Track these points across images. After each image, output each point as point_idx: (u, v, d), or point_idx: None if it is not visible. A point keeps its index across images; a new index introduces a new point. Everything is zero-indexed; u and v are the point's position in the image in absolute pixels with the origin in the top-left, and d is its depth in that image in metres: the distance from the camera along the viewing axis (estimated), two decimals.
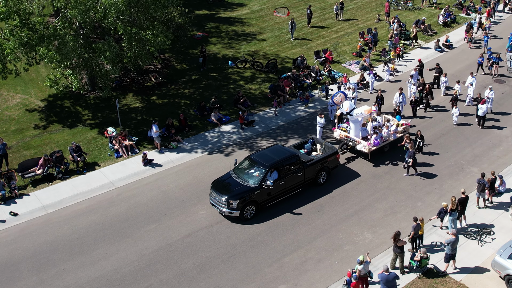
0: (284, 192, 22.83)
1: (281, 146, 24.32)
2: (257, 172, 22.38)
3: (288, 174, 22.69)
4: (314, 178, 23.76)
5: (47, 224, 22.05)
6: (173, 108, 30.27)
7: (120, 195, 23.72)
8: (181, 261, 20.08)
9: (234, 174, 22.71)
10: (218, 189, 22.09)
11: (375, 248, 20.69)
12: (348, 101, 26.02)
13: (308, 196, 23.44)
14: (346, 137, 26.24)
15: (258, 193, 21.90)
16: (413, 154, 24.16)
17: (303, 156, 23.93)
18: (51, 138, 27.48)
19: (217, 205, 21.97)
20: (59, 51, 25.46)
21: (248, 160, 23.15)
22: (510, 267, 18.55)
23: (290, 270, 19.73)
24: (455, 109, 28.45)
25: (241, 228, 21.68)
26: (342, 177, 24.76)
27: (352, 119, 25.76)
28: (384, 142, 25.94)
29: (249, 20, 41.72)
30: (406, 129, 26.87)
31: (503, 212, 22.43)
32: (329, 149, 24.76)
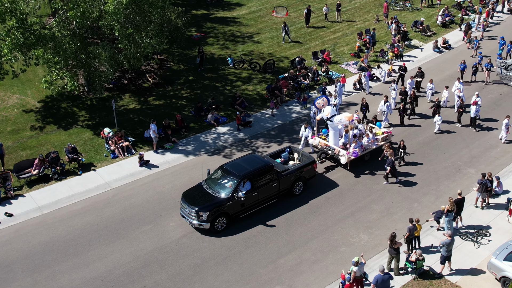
0: (258, 203, 22.06)
1: (256, 156, 23.57)
2: (230, 182, 21.63)
3: (261, 184, 21.93)
4: (290, 188, 23.00)
5: (42, 225, 21.99)
6: (170, 109, 30.21)
7: (116, 196, 23.66)
8: (175, 262, 20.02)
9: (206, 184, 22.01)
10: (189, 200, 21.34)
11: (371, 250, 20.61)
12: (330, 107, 25.29)
13: (304, 198, 23.35)
14: (325, 145, 25.48)
15: (230, 204, 21.18)
16: (391, 162, 23.60)
17: (278, 166, 23.15)
18: (48, 138, 27.43)
19: (187, 217, 21.25)
20: (56, 52, 25.41)
21: (221, 170, 22.36)
22: (506, 269, 18.45)
23: (285, 271, 19.65)
24: (438, 117, 27.61)
25: (236, 229, 21.59)
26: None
27: (332, 126, 25.00)
28: (364, 151, 25.25)
29: (247, 21, 41.66)
30: (388, 138, 26.14)
31: (500, 213, 22.33)
32: (306, 158, 23.95)
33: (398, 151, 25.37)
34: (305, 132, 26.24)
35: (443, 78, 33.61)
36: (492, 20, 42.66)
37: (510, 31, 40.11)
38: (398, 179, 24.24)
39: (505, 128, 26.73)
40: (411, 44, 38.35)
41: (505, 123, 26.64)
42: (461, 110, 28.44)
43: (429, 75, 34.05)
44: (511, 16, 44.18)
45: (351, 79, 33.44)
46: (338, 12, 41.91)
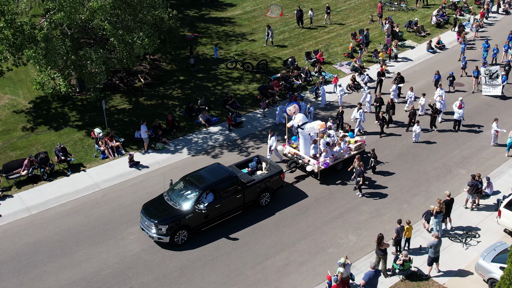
0: (221, 216, 21.34)
1: (220, 166, 22.49)
2: (192, 194, 20.85)
3: (225, 196, 21.21)
4: (256, 199, 22.28)
5: (30, 226, 21.90)
6: (161, 109, 30.13)
7: (105, 197, 23.57)
8: (162, 263, 19.93)
9: (167, 196, 21.30)
10: (148, 213, 20.62)
11: (359, 251, 20.52)
12: (301, 114, 24.35)
13: (293, 198, 23.26)
14: (295, 154, 24.77)
15: (191, 217, 20.43)
16: (361, 173, 22.81)
17: (243, 177, 22.30)
18: (38, 139, 27.35)
19: (146, 230, 20.54)
20: (46, 53, 25.32)
21: (183, 181, 21.57)
22: (494, 270, 18.35)
23: (272, 273, 19.57)
24: (417, 126, 26.81)
25: (225, 230, 21.50)
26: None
27: (302, 133, 24.15)
28: (336, 160, 24.51)
29: (241, 21, 41.59)
30: (361, 146, 25.52)
31: (489, 215, 22.24)
32: (274, 168, 23.13)
33: (369, 160, 24.73)
34: (270, 141, 25.26)
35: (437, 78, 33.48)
36: (487, 20, 42.57)
37: (504, 31, 39.94)
38: (362, 194, 23.34)
39: (493, 131, 26.51)
40: (405, 44, 38.28)
41: (494, 126, 26.41)
42: (435, 115, 27.87)
43: (423, 75, 34.11)
44: (506, 16, 44.10)
45: (344, 80, 33.36)
46: (328, 15, 41.21)
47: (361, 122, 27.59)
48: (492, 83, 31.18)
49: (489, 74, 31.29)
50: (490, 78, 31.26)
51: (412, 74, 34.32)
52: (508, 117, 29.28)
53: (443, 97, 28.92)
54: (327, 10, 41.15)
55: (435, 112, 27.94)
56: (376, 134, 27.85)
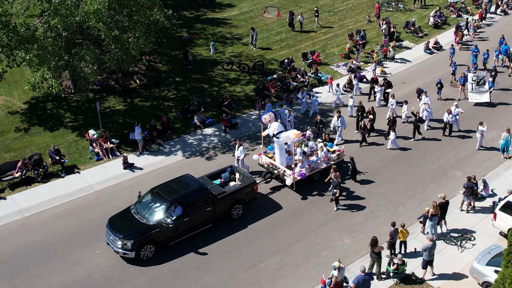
0: (190, 229, 20.64)
1: (190, 178, 21.65)
2: (159, 207, 20.14)
3: (194, 209, 20.48)
4: (227, 212, 21.59)
5: (22, 228, 21.77)
6: (156, 110, 30.00)
7: (99, 199, 23.44)
8: (155, 266, 19.78)
9: (134, 209, 20.60)
10: (114, 227, 19.97)
11: (353, 254, 20.38)
12: (277, 123, 23.55)
13: (288, 201, 23.13)
14: (271, 164, 24.02)
15: (158, 231, 19.72)
16: (338, 184, 22.10)
17: (214, 188, 21.55)
18: (32, 140, 27.22)
19: (111, 245, 19.85)
20: (38, 54, 25.17)
21: (151, 193, 20.83)
22: (488, 274, 18.23)
23: (266, 276, 19.43)
24: (392, 133, 26.22)
25: (219, 232, 21.38)
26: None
27: (278, 143, 23.34)
28: (312, 171, 23.74)
29: (238, 22, 41.45)
30: (339, 156, 24.86)
31: (485, 217, 22.11)
32: (247, 179, 22.36)
33: (348, 169, 24.23)
34: (237, 151, 24.40)
35: (433, 79, 33.26)
36: (485, 21, 42.44)
37: (501, 32, 39.74)
38: (338, 208, 22.64)
39: (479, 134, 26.21)
40: (402, 45, 38.16)
41: (480, 130, 26.10)
42: (418, 124, 27.00)
43: (420, 76, 34.00)
44: (504, 17, 43.96)
45: (340, 80, 33.23)
46: (317, 18, 40.62)
47: (342, 130, 26.88)
48: (480, 90, 30.05)
49: (477, 80, 30.11)
50: (478, 84, 30.10)
51: (409, 75, 34.20)
52: (505, 118, 29.14)
53: (429, 104, 28.01)
54: (316, 14, 40.49)
55: (419, 121, 26.95)
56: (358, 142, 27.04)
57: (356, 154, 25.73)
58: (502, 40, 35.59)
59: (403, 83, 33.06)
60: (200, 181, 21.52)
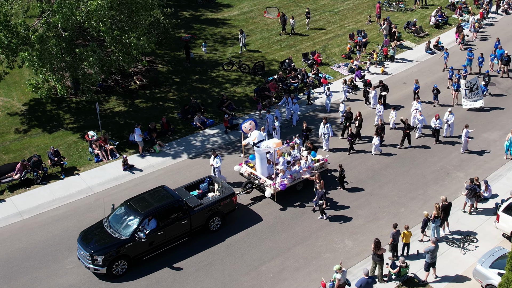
0: (165, 243, 19.93)
1: (166, 189, 20.89)
2: (132, 221, 19.41)
3: (169, 222, 19.80)
4: (204, 225, 20.84)
5: (21, 231, 21.62)
6: (156, 111, 29.83)
7: (98, 201, 23.23)
8: (155, 269, 19.62)
9: (107, 222, 19.87)
10: (85, 241, 19.21)
11: (355, 256, 20.22)
12: (257, 131, 22.81)
13: (289, 202, 22.94)
14: (251, 174, 23.34)
15: (130, 246, 19.00)
16: (323, 195, 21.49)
17: (190, 200, 20.82)
18: (31, 142, 27.06)
19: (82, 260, 19.20)
20: (41, 55, 25.02)
21: (124, 206, 20.11)
22: (492, 276, 18.07)
23: (267, 278, 19.27)
24: (376, 138, 25.59)
25: (219, 234, 21.22)
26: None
27: (259, 152, 22.64)
28: (294, 181, 22.95)
29: (238, 22, 41.27)
30: (323, 166, 24.04)
31: (488, 219, 21.94)
32: (226, 190, 21.63)
33: (335, 177, 23.78)
34: (213, 162, 23.60)
35: (434, 80, 33.19)
36: (486, 21, 42.26)
37: (503, 32, 39.74)
38: (327, 216, 22.07)
39: (464, 137, 25.82)
40: (403, 45, 37.99)
41: (465, 132, 25.72)
42: (408, 131, 26.18)
43: (421, 77, 33.74)
44: (505, 17, 43.76)
45: (339, 81, 33.06)
46: (308, 20, 39.95)
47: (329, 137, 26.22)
48: (473, 97, 29.33)
49: (470, 87, 29.32)
50: (471, 90, 29.33)
51: (410, 76, 34.00)
52: (507, 119, 28.97)
53: (421, 111, 27.19)
54: (307, 15, 39.91)
55: (408, 128, 26.17)
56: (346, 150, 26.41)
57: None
58: (497, 43, 34.91)
59: (404, 83, 32.87)
60: (175, 193, 20.73)
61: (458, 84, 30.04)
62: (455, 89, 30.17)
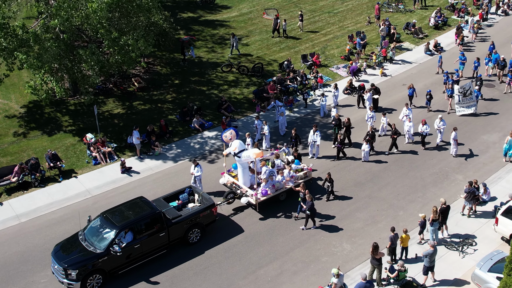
0: (142, 257, 19.49)
1: (143, 201, 20.38)
2: (108, 234, 18.94)
3: (146, 235, 19.37)
4: (183, 237, 20.36)
5: (19, 234, 21.55)
6: (155, 113, 29.76)
7: (96, 204, 23.20)
8: (153, 272, 19.57)
9: (82, 235, 19.37)
10: (58, 255, 18.75)
11: (353, 260, 20.15)
12: (238, 141, 22.37)
13: (287, 205, 22.86)
14: (233, 184, 23.04)
15: (105, 260, 18.54)
16: (311, 204, 21.01)
17: (169, 212, 20.33)
18: (29, 144, 26.99)
19: (56, 274, 18.73)
20: (39, 57, 24.96)
21: (100, 218, 19.68)
22: (490, 280, 18.00)
23: (265, 282, 19.20)
24: (366, 145, 25.16)
25: (216, 237, 21.16)
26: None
27: (240, 162, 22.27)
28: (277, 191, 22.52)
29: (237, 23, 41.18)
30: (307, 175, 23.60)
31: (487, 222, 21.87)
32: (206, 201, 21.14)
33: (324, 185, 23.28)
34: (194, 170, 23.12)
35: (433, 81, 33.16)
36: (486, 22, 42.16)
37: (503, 33, 39.68)
38: (315, 226, 21.64)
39: (452, 140, 25.65)
40: (402, 46, 37.91)
41: (453, 136, 25.54)
42: (395, 136, 25.81)
43: (420, 78, 33.74)
44: (505, 18, 43.67)
45: (340, 82, 33.00)
46: (301, 22, 39.58)
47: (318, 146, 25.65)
48: (467, 102, 28.95)
49: (464, 92, 28.82)
50: (465, 96, 28.86)
51: (409, 77, 33.92)
52: (506, 121, 28.89)
53: (410, 117, 26.64)
54: (300, 18, 39.51)
55: (395, 133, 25.81)
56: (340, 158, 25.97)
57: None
58: (491, 47, 34.48)
59: (403, 85, 32.77)
60: (153, 205, 20.26)
61: (452, 90, 29.60)
62: (449, 95, 29.74)
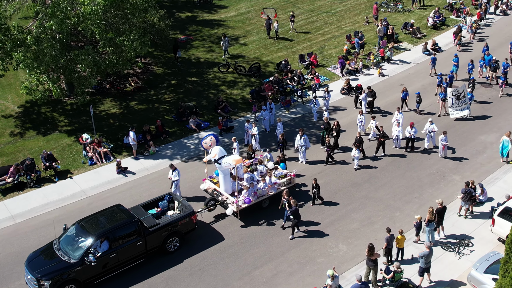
0: (119, 266, 19.01)
1: (120, 208, 19.94)
2: (83, 243, 18.49)
3: (122, 244, 18.88)
4: (161, 245, 19.87)
5: (14, 235, 21.46)
6: (152, 113, 29.68)
7: (91, 204, 23.11)
8: (148, 273, 19.47)
9: (57, 244, 18.94)
10: (32, 265, 18.30)
11: (349, 261, 20.05)
12: (218, 147, 21.86)
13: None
14: (215, 190, 22.58)
15: (79, 270, 18.07)
16: (295, 210, 20.56)
17: (147, 220, 19.83)
18: (25, 145, 26.90)
19: (29, 284, 18.33)
20: (36, 57, 24.86)
21: (76, 227, 19.21)
22: (486, 282, 17.91)
23: (260, 284, 19.11)
24: (356, 150, 24.63)
25: (212, 238, 21.08)
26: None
27: (220, 169, 21.84)
28: (259, 198, 22.03)
29: (235, 23, 41.10)
30: (291, 181, 23.05)
31: (483, 223, 21.77)
32: (186, 208, 20.65)
33: (312, 191, 22.75)
34: (172, 174, 22.64)
35: (431, 81, 33.07)
36: (484, 21, 42.07)
37: (501, 33, 39.61)
38: (296, 233, 21.21)
39: (440, 143, 25.41)
40: (400, 46, 37.82)
41: (441, 138, 25.33)
42: (382, 139, 25.56)
43: (417, 78, 33.70)
44: (503, 17, 43.58)
45: (337, 83, 32.96)
46: (292, 23, 39.32)
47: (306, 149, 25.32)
48: (460, 105, 28.52)
49: (457, 95, 28.40)
50: (458, 99, 28.43)
51: (407, 77, 33.87)
52: (504, 121, 28.81)
53: (400, 121, 26.17)
54: (291, 18, 39.20)
55: (382, 136, 25.54)
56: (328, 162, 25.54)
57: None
58: (485, 48, 34.19)
59: (401, 85, 32.65)
60: (130, 213, 19.80)
61: (445, 93, 29.14)
62: (441, 98, 29.34)
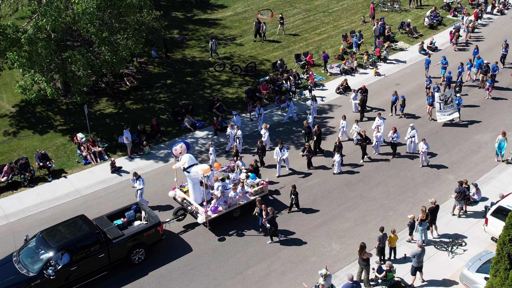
0: (81, 279, 18.53)
1: (83, 220, 19.45)
2: (42, 255, 18.01)
3: (84, 256, 18.36)
4: (126, 257, 19.45)
5: (6, 234, 21.45)
6: (147, 113, 29.66)
7: (85, 204, 23.11)
8: (140, 273, 19.46)
9: (16, 256, 18.42)
10: None
11: (342, 260, 20.04)
12: (188, 155, 21.37)
13: (279, 206, 22.78)
14: (184, 200, 22.10)
15: (38, 284, 17.52)
16: (272, 217, 20.15)
17: (111, 231, 19.36)
18: (20, 144, 26.89)
19: None
20: (29, 56, 24.86)
21: (36, 238, 18.70)
22: (478, 281, 17.90)
23: (252, 283, 19.10)
24: (337, 155, 24.26)
25: (205, 238, 21.07)
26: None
27: (190, 178, 21.27)
28: (230, 207, 21.58)
29: (231, 23, 41.10)
30: (263, 190, 22.53)
31: (477, 222, 21.76)
32: (152, 219, 20.22)
33: (290, 197, 22.26)
34: (136, 184, 22.24)
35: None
36: (481, 21, 42.06)
37: (498, 33, 39.57)
38: (280, 237, 20.97)
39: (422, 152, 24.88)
40: (397, 46, 37.80)
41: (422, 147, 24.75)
42: (364, 144, 25.29)
43: (413, 78, 33.67)
44: (500, 17, 43.56)
45: (334, 82, 32.93)
46: (282, 25, 39.08)
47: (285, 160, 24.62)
48: (448, 110, 28.07)
49: (445, 100, 28.02)
50: (446, 103, 28.04)
51: (403, 77, 33.86)
52: (499, 120, 28.78)
53: (381, 127, 25.87)
54: (280, 21, 38.95)
55: (364, 140, 25.31)
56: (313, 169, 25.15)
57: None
58: (476, 51, 33.97)
59: (397, 85, 32.68)
60: (93, 224, 19.39)
61: (433, 98, 28.59)
62: (429, 103, 28.83)
